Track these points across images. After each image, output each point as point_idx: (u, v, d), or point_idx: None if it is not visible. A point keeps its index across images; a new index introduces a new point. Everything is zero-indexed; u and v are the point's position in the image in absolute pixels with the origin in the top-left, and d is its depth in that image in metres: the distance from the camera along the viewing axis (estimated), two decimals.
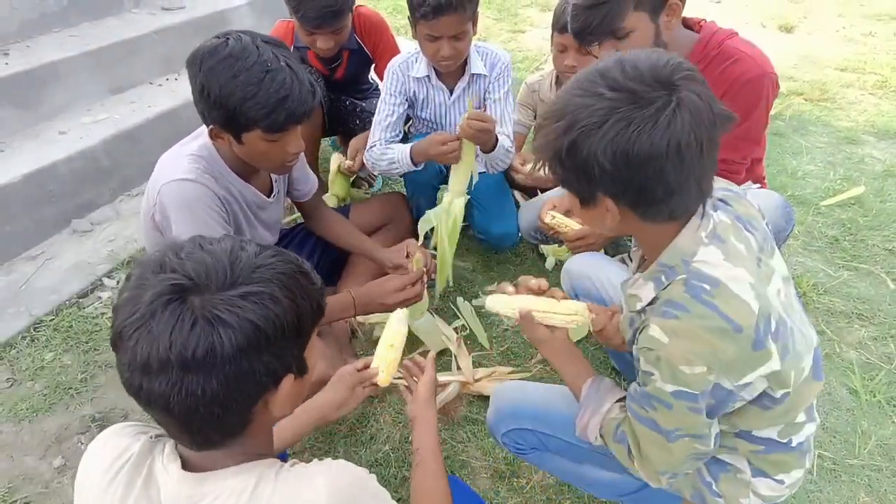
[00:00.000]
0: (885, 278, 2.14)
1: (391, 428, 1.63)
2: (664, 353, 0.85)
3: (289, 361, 0.71)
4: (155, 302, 0.63)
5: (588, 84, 0.83)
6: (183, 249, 0.69)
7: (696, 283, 0.86)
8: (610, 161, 0.81)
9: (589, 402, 1.09)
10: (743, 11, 4.95)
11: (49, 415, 1.67)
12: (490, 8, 5.08)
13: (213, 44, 1.25)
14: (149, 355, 0.63)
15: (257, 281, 0.67)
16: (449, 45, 1.77)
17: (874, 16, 4.82)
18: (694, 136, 0.79)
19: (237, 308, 0.64)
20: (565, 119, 0.83)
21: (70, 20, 2.86)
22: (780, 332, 0.88)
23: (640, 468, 1.01)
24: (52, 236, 2.28)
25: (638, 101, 0.79)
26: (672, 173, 0.81)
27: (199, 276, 0.65)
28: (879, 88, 3.63)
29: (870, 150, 2.99)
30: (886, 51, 4.16)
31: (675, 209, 0.88)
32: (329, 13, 1.94)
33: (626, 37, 1.43)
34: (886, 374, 1.77)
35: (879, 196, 2.60)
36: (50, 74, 2.49)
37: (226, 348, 0.63)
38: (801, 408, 0.99)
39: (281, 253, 0.73)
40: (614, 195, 0.87)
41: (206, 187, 1.36)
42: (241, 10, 3.41)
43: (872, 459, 1.54)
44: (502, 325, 1.94)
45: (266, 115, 1.24)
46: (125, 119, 2.55)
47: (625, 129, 0.79)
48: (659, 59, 0.83)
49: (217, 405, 0.65)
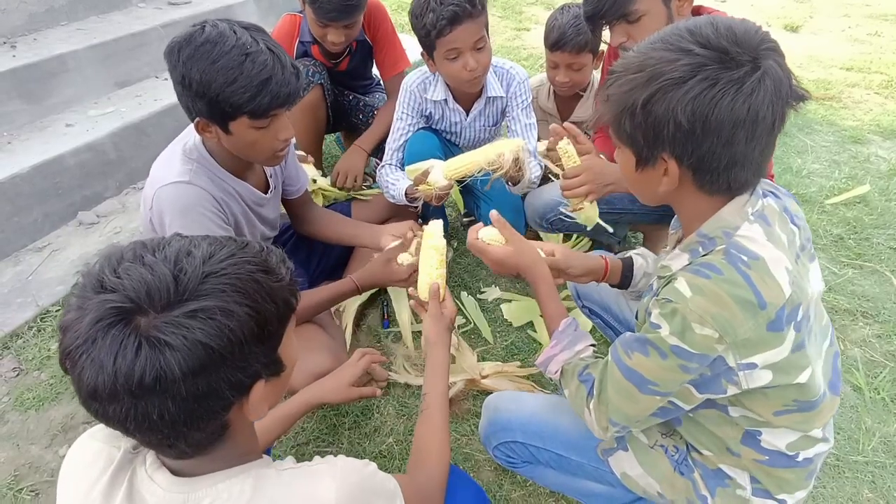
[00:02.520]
0: (889, 276, 2.13)
1: (395, 420, 1.64)
2: (682, 307, 0.83)
3: (255, 370, 0.66)
4: (95, 326, 0.59)
5: (675, 39, 0.81)
6: (122, 264, 0.62)
7: (736, 253, 0.84)
8: (688, 119, 0.78)
9: (564, 337, 1.10)
10: (748, 11, 4.94)
11: (55, 404, 1.68)
12: (495, 6, 5.09)
13: (189, 32, 1.21)
14: (95, 383, 0.59)
15: (206, 294, 0.61)
16: (473, 57, 1.71)
17: (880, 16, 4.81)
18: (771, 109, 0.78)
19: (184, 329, 0.59)
20: (646, 71, 0.81)
21: (77, 14, 2.88)
22: (802, 326, 0.87)
23: (593, 412, 0.99)
24: (58, 228, 2.29)
25: (727, 63, 0.77)
26: (742, 143, 0.80)
27: (139, 296, 0.59)
28: (885, 88, 3.63)
29: (875, 150, 2.98)
30: (892, 51, 4.16)
31: (734, 181, 0.85)
32: (345, 6, 1.94)
33: (637, 20, 1.43)
34: (890, 372, 1.77)
35: (885, 195, 2.60)
36: (57, 67, 2.50)
37: (175, 373, 0.59)
38: (821, 420, 0.96)
39: (238, 251, 0.67)
40: (679, 157, 0.84)
41: (201, 189, 1.34)
42: (246, 5, 3.43)
43: (876, 456, 1.54)
44: (506, 321, 1.94)
45: (250, 99, 1.20)
46: (131, 112, 2.56)
47: (709, 89, 0.77)
48: (750, 26, 0.81)
49: (181, 425, 0.62)
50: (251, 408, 0.68)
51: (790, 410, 0.92)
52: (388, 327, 1.93)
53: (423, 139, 2.01)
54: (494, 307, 2.01)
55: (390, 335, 1.91)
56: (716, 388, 0.90)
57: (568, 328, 1.12)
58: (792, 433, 0.96)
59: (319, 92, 2.26)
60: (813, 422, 0.95)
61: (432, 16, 1.64)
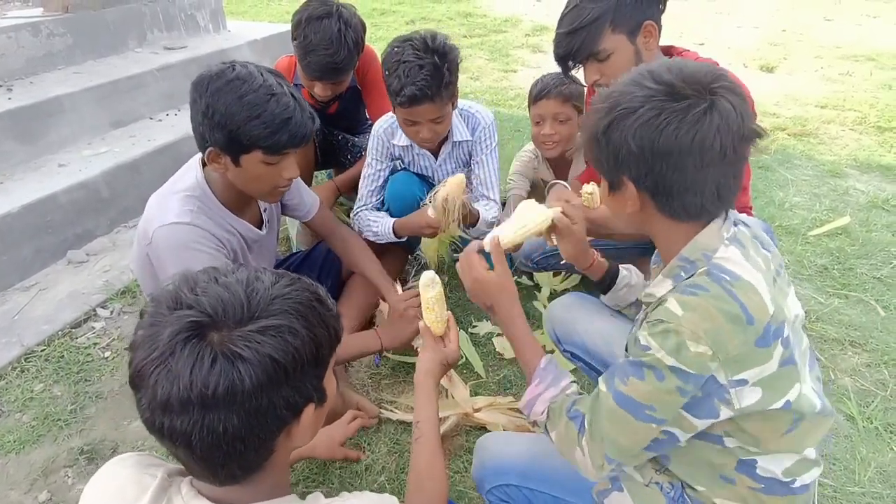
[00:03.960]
0: (875, 305, 2.16)
1: (387, 458, 1.61)
2: (675, 325, 0.85)
3: (308, 392, 0.70)
4: (173, 340, 0.62)
5: (636, 76, 0.90)
6: (198, 284, 0.68)
7: (718, 272, 0.88)
8: (637, 144, 0.87)
9: (547, 374, 1.08)
10: (725, 53, 5.15)
11: (36, 447, 1.64)
12: (483, 49, 5.27)
13: (220, 68, 1.30)
14: (169, 394, 0.62)
15: (275, 313, 0.66)
16: (428, 129, 1.77)
17: (850, 57, 5.02)
18: (719, 140, 0.84)
19: (256, 343, 0.63)
20: (608, 102, 0.91)
21: (75, 58, 2.95)
22: (790, 342, 0.89)
23: (587, 449, 0.97)
24: (48, 266, 2.28)
25: (674, 95, 0.85)
26: (691, 170, 0.86)
27: (216, 311, 0.64)
28: (859, 124, 3.76)
29: (853, 183, 3.07)
30: (863, 89, 4.33)
31: (690, 207, 0.91)
32: (331, 69, 2.01)
33: (607, 58, 1.50)
34: (882, 401, 1.78)
35: (865, 226, 2.66)
36: (53, 108, 2.55)
37: (246, 385, 0.62)
38: (813, 438, 0.97)
39: (297, 281, 0.73)
40: (636, 179, 0.92)
41: (201, 230, 1.36)
42: (241, 49, 3.53)
43: (873, 486, 1.53)
44: (497, 355, 1.94)
45: (270, 135, 1.27)
46: (125, 152, 2.60)
47: (655, 118, 0.85)
48: (704, 69, 0.88)
49: (239, 441, 0.65)
50: (301, 431, 0.71)
51: (789, 431, 0.92)
52: (378, 363, 1.91)
53: (405, 180, 2.04)
54: (486, 341, 2.00)
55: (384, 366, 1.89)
56: (709, 411, 0.90)
57: (549, 365, 1.09)
58: (788, 458, 0.95)
59: None
60: (806, 439, 0.96)
61: (396, 83, 1.67)
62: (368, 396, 1.78)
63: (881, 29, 5.84)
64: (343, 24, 1.98)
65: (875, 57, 4.98)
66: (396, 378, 1.87)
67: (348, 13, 2.03)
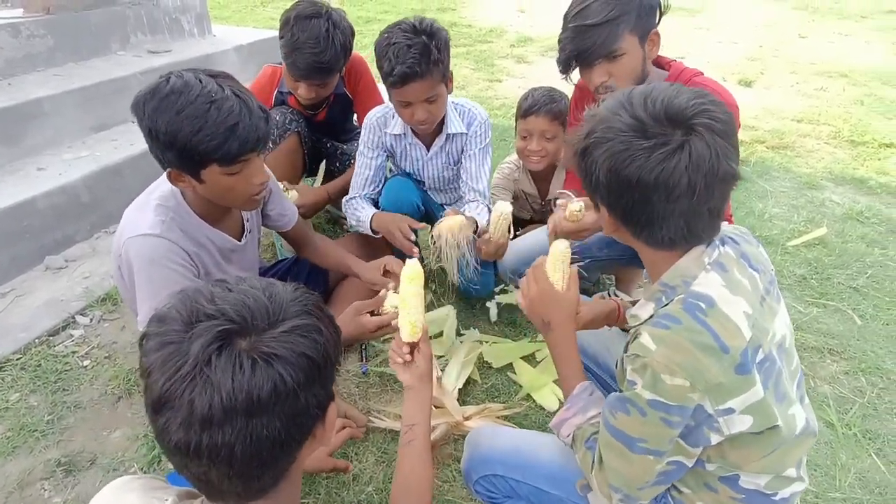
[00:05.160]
0: (851, 315, 2.22)
1: (374, 468, 1.59)
2: (650, 360, 0.87)
3: (330, 390, 0.71)
4: (206, 350, 0.61)
5: (616, 103, 0.92)
6: (213, 294, 0.66)
7: (693, 301, 0.89)
8: (605, 175, 0.90)
9: (578, 401, 1.10)
10: (705, 67, 5.24)
11: (11, 458, 1.58)
12: (468, 59, 5.31)
13: (154, 84, 1.21)
14: (210, 406, 0.59)
15: (297, 314, 0.67)
16: (422, 109, 1.79)
17: (824, 73, 5.18)
18: (687, 179, 0.84)
19: (290, 343, 0.64)
20: (588, 125, 0.93)
21: (56, 60, 2.89)
22: (765, 367, 0.89)
23: (596, 479, 1.01)
24: (24, 273, 2.22)
25: (644, 132, 0.86)
26: (658, 205, 0.87)
27: (243, 317, 0.64)
28: (833, 138, 3.88)
29: (829, 195, 3.16)
30: (837, 104, 4.47)
31: (660, 238, 0.92)
32: (317, 68, 2.01)
33: (618, 58, 1.49)
34: (860, 408, 1.82)
35: (841, 237, 2.74)
36: (32, 111, 2.49)
37: (289, 385, 0.62)
38: (793, 459, 0.98)
39: (298, 286, 0.73)
40: (608, 205, 0.95)
41: (170, 242, 1.33)
42: (227, 54, 3.50)
43: (853, 492, 1.56)
44: (486, 363, 1.94)
45: (217, 147, 1.20)
46: (107, 156, 2.55)
47: (622, 152, 0.87)
48: (686, 102, 0.87)
49: (278, 446, 0.65)
50: (327, 429, 0.71)
51: (767, 455, 0.94)
52: (366, 371, 1.90)
53: (400, 186, 2.05)
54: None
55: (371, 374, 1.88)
56: (700, 439, 0.91)
57: (583, 392, 1.11)
58: (767, 476, 0.97)
59: (296, 139, 2.30)
60: (786, 459, 0.97)
61: (388, 65, 1.71)
62: (356, 405, 1.77)
63: (852, 46, 6.05)
64: (331, 25, 1.98)
65: (847, 73, 5.14)
66: (384, 387, 1.86)
67: (337, 15, 2.03)
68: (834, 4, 7.73)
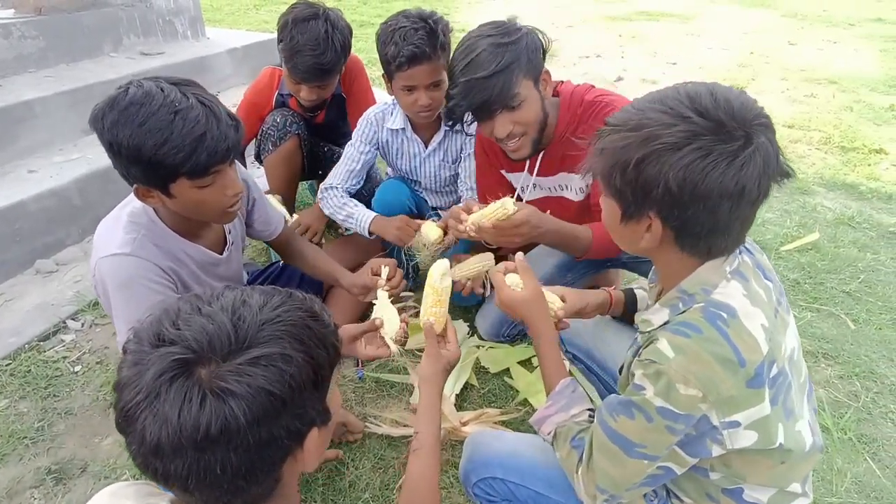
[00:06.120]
0: (845, 319, 2.24)
1: (371, 474, 1.57)
2: (665, 367, 0.84)
3: (311, 417, 0.66)
4: (158, 380, 0.58)
5: (675, 103, 0.82)
6: (180, 316, 0.63)
7: (714, 310, 0.86)
8: (678, 185, 0.80)
9: (561, 398, 1.09)
10: (697, 73, 5.32)
11: (1, 466, 1.55)
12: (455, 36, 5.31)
13: (112, 96, 1.13)
14: (159, 438, 0.58)
15: (266, 340, 0.62)
16: (426, 94, 1.79)
17: (814, 80, 5.24)
18: (758, 183, 0.80)
19: (247, 377, 0.59)
20: (643, 131, 0.82)
21: (48, 61, 2.86)
22: (777, 382, 0.88)
23: (581, 479, 0.99)
24: (14, 276, 2.19)
25: (722, 135, 0.79)
26: (725, 213, 0.82)
27: (201, 346, 0.60)
28: (824, 144, 3.92)
29: (821, 200, 3.19)
30: (827, 111, 4.51)
31: (714, 247, 0.88)
32: (318, 70, 2.00)
33: (519, 105, 1.45)
34: (855, 412, 1.83)
35: (833, 242, 2.76)
36: (23, 113, 2.46)
37: (240, 422, 0.58)
38: (799, 474, 0.97)
39: (288, 299, 0.68)
40: (665, 217, 0.86)
41: (143, 260, 1.26)
42: (220, 56, 3.48)
43: (850, 497, 1.57)
44: (483, 368, 1.93)
45: (185, 159, 1.12)
46: (98, 159, 2.52)
47: (702, 159, 0.78)
48: (747, 100, 0.83)
49: (240, 478, 0.62)
50: (306, 456, 0.67)
51: (772, 468, 0.93)
52: (362, 376, 1.88)
53: (394, 189, 2.04)
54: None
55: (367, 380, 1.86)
56: (701, 449, 0.91)
57: (565, 389, 1.10)
58: (771, 490, 0.96)
59: (296, 142, 2.29)
60: (791, 476, 0.96)
61: (394, 48, 1.70)
62: (352, 411, 1.75)
63: (841, 53, 6.12)
64: (330, 26, 1.97)
65: (837, 80, 5.20)
66: (380, 393, 1.84)
67: (335, 16, 2.03)
68: (822, 12, 7.83)
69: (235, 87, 3.43)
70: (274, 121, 2.25)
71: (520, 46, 1.44)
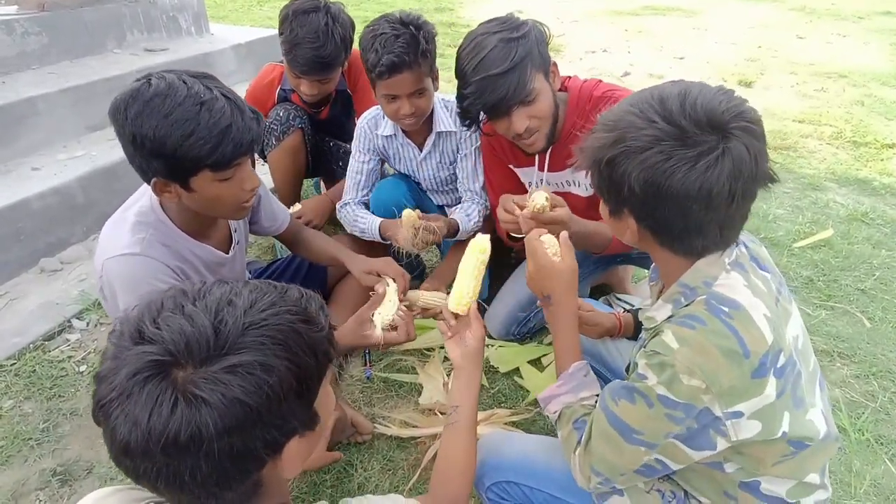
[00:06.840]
0: (860, 317, 2.20)
1: (380, 476, 1.55)
2: (670, 359, 0.85)
3: (292, 427, 0.63)
4: (132, 379, 0.57)
5: (645, 106, 0.85)
6: (161, 313, 0.61)
7: (717, 304, 0.87)
8: (640, 186, 0.83)
9: (572, 380, 1.10)
10: (704, 67, 5.26)
11: (5, 468, 1.54)
12: (447, 34, 5.27)
13: (134, 87, 1.12)
14: (128, 440, 0.57)
15: (247, 347, 0.59)
16: (409, 103, 1.73)
17: (824, 74, 5.18)
18: (729, 186, 0.81)
19: (222, 385, 0.57)
20: (614, 133, 0.86)
21: (50, 58, 2.84)
22: (786, 372, 0.88)
23: (579, 459, 1.00)
24: (18, 276, 2.17)
25: (684, 140, 0.80)
26: (697, 215, 0.83)
27: (178, 348, 0.58)
28: (835, 139, 3.86)
29: (833, 196, 3.14)
30: (837, 105, 4.45)
31: (692, 247, 0.90)
32: (318, 64, 1.97)
33: (535, 100, 1.44)
34: (872, 412, 1.79)
35: (847, 238, 2.72)
36: (26, 111, 2.44)
37: (211, 431, 0.56)
38: (815, 464, 0.96)
39: (280, 299, 0.65)
40: (638, 217, 0.90)
41: (152, 260, 1.25)
42: (224, 53, 3.45)
43: (869, 499, 1.53)
44: (492, 368, 1.90)
45: (212, 150, 1.12)
46: (102, 156, 2.50)
47: (663, 162, 0.81)
48: (719, 103, 0.82)
49: (212, 485, 0.60)
50: (285, 465, 0.65)
51: (787, 458, 0.92)
52: (370, 376, 1.86)
53: (391, 186, 2.00)
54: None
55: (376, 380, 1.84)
56: (705, 443, 0.90)
57: (578, 372, 1.11)
58: (789, 482, 0.94)
59: (300, 136, 2.26)
60: (807, 464, 0.94)
61: (374, 56, 1.65)
62: (360, 412, 1.72)
63: (850, 47, 6.05)
64: (330, 19, 1.95)
65: (847, 74, 5.14)
66: (389, 393, 1.82)
67: (336, 9, 2.00)
68: (830, 6, 7.75)
69: (239, 84, 3.40)
70: (277, 115, 2.22)
71: (529, 40, 1.42)
